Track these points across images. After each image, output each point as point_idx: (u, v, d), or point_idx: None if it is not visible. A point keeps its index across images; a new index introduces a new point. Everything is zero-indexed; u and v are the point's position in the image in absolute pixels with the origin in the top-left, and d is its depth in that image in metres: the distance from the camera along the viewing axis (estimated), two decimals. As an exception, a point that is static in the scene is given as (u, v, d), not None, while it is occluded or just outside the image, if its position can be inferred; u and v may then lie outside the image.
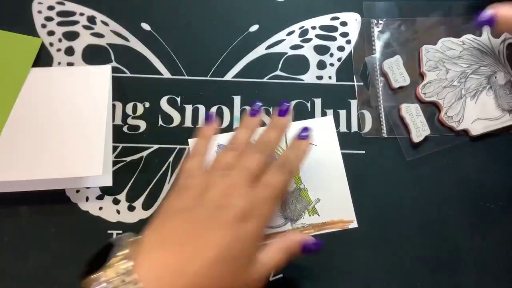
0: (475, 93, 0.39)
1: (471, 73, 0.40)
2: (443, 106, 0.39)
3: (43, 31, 0.41)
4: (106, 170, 0.37)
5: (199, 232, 0.27)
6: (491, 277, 0.37)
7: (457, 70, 0.40)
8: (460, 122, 0.39)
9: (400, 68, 0.40)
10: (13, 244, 0.36)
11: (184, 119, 0.39)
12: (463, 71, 0.40)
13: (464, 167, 0.39)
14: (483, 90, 0.40)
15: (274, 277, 0.36)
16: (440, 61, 0.40)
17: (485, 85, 0.40)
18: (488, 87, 0.40)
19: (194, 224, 0.28)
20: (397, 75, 0.40)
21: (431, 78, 0.40)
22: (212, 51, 0.41)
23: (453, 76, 0.40)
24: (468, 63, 0.40)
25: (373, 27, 0.42)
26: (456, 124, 0.39)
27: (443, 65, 0.40)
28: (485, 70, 0.40)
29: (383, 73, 0.41)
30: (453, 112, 0.39)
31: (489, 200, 0.38)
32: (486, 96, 0.40)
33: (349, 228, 0.37)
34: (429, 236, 0.37)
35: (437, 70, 0.40)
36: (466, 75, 0.40)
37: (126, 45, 0.41)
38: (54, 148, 0.36)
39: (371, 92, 0.40)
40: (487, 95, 0.40)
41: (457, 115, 0.39)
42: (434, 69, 0.40)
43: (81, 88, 0.38)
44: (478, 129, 0.39)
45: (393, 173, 0.39)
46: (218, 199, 0.29)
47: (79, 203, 0.37)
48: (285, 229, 0.37)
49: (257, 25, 0.42)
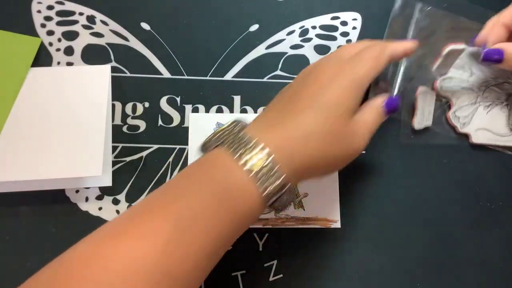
0: (490, 104, 0.39)
1: (494, 85, 0.40)
2: (454, 104, 0.39)
3: (43, 31, 0.41)
4: (106, 170, 0.37)
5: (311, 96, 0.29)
6: (491, 277, 0.37)
7: (482, 77, 0.40)
8: (465, 125, 0.39)
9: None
10: (13, 244, 0.36)
11: (184, 119, 0.39)
12: (486, 80, 0.40)
13: (464, 167, 0.39)
14: (498, 105, 0.40)
15: (274, 277, 0.36)
16: (468, 63, 0.40)
17: (502, 101, 0.40)
18: (505, 103, 0.40)
19: (308, 89, 0.30)
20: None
21: (454, 75, 0.40)
22: (212, 51, 0.41)
23: (475, 81, 0.40)
24: (495, 75, 0.40)
25: (416, 11, 0.41)
26: (460, 125, 0.39)
27: (470, 67, 0.40)
28: (508, 87, 0.40)
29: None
30: (462, 113, 0.39)
31: (489, 200, 0.38)
32: (499, 111, 0.40)
33: (332, 227, 0.37)
34: (429, 236, 0.38)
35: (462, 70, 0.40)
36: (488, 84, 0.40)
37: (126, 45, 0.41)
38: (53, 148, 0.36)
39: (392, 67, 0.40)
40: (501, 111, 0.40)
41: (465, 118, 0.39)
42: (459, 68, 0.40)
43: (80, 88, 0.38)
44: (480, 138, 0.39)
45: (393, 172, 0.39)
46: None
47: (78, 203, 0.37)
48: (268, 217, 0.37)
49: (257, 25, 0.42)
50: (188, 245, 0.24)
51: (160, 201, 0.26)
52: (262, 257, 0.37)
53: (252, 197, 0.26)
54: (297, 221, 0.37)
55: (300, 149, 0.27)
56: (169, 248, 0.24)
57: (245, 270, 0.36)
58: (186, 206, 0.25)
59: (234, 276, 0.36)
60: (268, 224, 0.37)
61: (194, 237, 0.24)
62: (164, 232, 0.24)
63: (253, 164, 0.26)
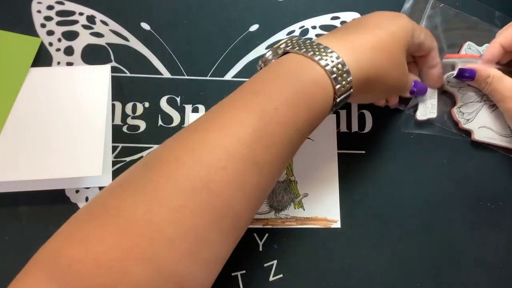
0: (495, 104, 0.39)
1: None
2: (459, 100, 0.40)
3: (43, 31, 0.41)
4: (106, 170, 0.37)
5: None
6: (491, 277, 0.37)
7: None
8: (469, 122, 0.39)
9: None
10: (13, 244, 0.36)
11: (184, 119, 0.39)
12: None
13: (464, 167, 0.39)
14: None
15: (274, 277, 0.36)
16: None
17: None
18: None
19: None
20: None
21: None
22: (212, 51, 0.41)
23: None
24: None
25: (429, 7, 0.41)
26: (463, 121, 0.39)
27: None
28: None
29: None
30: (467, 110, 0.39)
31: (489, 200, 0.38)
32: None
33: (332, 227, 0.37)
34: (429, 236, 0.38)
35: None
36: None
37: (126, 45, 0.41)
38: (53, 148, 0.36)
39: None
40: None
41: (469, 114, 0.39)
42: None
43: (80, 88, 0.38)
44: (481, 136, 0.39)
45: (392, 172, 0.39)
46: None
47: (79, 203, 0.37)
48: (268, 217, 0.37)
49: (257, 25, 0.42)
50: (271, 135, 0.26)
51: (241, 97, 0.27)
52: (262, 257, 0.37)
53: (325, 92, 0.28)
54: (297, 221, 0.37)
55: (368, 58, 0.30)
56: (254, 137, 0.25)
57: (245, 270, 0.36)
58: (268, 99, 0.26)
59: (234, 276, 0.36)
60: (268, 224, 0.37)
61: (275, 128, 0.26)
62: (249, 123, 0.25)
63: (326, 63, 0.28)
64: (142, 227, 0.22)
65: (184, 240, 0.23)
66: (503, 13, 0.42)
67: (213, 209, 0.24)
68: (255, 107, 0.26)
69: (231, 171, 0.24)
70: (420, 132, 0.40)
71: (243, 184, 0.25)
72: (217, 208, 0.24)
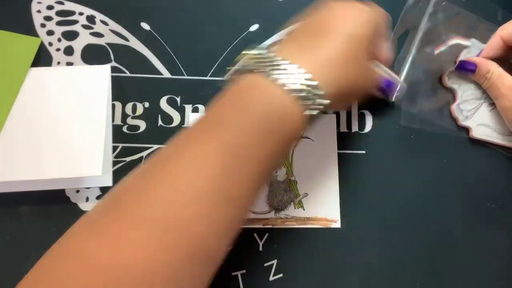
0: (494, 103, 0.39)
1: None
2: (459, 97, 0.40)
3: (42, 31, 0.41)
4: (106, 170, 0.37)
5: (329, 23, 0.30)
6: (491, 277, 0.37)
7: None
8: (467, 119, 0.39)
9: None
10: (13, 244, 0.36)
11: (184, 119, 0.39)
12: None
13: (464, 167, 0.39)
14: None
15: (274, 277, 0.36)
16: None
17: None
18: None
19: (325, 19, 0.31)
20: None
21: None
22: (212, 51, 0.41)
23: None
24: None
25: (431, 4, 0.41)
26: (462, 118, 0.39)
27: None
28: None
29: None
30: (466, 107, 0.39)
31: (489, 200, 0.38)
32: None
33: (332, 227, 0.37)
34: (429, 236, 0.38)
35: None
36: None
37: (126, 45, 0.41)
38: (53, 148, 0.36)
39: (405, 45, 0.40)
40: None
41: (468, 111, 0.39)
42: None
43: (80, 88, 0.38)
44: (479, 133, 0.39)
45: (392, 172, 0.39)
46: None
47: (79, 203, 0.37)
48: (268, 217, 0.37)
49: (257, 25, 0.42)
50: (242, 168, 0.25)
51: (204, 131, 0.26)
52: (262, 257, 0.37)
53: (294, 116, 0.27)
54: (297, 221, 0.37)
55: (336, 73, 0.28)
56: (223, 172, 0.24)
57: (245, 270, 0.36)
58: (231, 135, 0.25)
59: (234, 275, 0.36)
60: (268, 224, 0.37)
61: (245, 161, 0.25)
62: (215, 159, 0.24)
63: (292, 84, 0.26)
64: (108, 270, 0.22)
65: (154, 280, 0.22)
66: (507, 11, 0.41)
67: (182, 247, 0.23)
68: (219, 142, 0.25)
69: (200, 207, 0.23)
70: (418, 127, 0.39)
71: (214, 220, 0.24)
72: (187, 246, 0.23)
